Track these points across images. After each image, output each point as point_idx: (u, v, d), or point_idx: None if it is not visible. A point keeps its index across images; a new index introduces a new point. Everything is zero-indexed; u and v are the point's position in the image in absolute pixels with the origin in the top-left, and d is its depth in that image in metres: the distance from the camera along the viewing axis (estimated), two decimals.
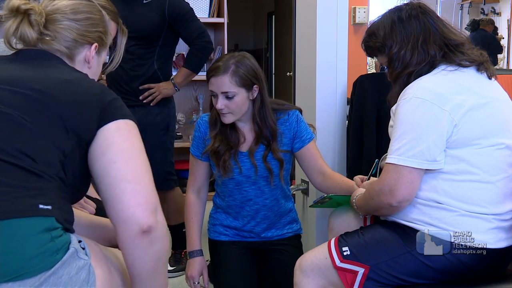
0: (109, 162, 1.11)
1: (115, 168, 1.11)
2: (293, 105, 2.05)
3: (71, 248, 1.04)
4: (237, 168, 1.92)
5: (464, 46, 1.56)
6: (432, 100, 1.44)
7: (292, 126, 1.95)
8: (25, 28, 1.21)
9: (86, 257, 1.07)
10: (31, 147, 1.06)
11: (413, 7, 1.59)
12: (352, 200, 1.69)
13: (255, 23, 8.95)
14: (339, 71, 2.48)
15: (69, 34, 1.25)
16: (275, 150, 1.91)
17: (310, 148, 1.97)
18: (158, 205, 1.13)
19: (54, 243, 1.01)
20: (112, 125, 1.15)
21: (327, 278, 1.56)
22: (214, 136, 1.93)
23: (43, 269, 0.98)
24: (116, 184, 1.10)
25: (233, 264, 1.98)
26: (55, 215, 1.03)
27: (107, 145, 1.13)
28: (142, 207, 1.09)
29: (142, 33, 2.62)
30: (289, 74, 5.69)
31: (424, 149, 1.43)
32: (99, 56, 1.35)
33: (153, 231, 1.10)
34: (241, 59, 1.86)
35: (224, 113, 1.85)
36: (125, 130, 1.16)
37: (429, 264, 1.45)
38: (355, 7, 4.31)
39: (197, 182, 2.03)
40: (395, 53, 1.57)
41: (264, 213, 1.99)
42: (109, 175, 1.11)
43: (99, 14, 1.32)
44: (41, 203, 1.02)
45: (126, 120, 1.18)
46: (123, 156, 1.13)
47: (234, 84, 1.82)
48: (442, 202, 1.46)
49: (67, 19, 1.25)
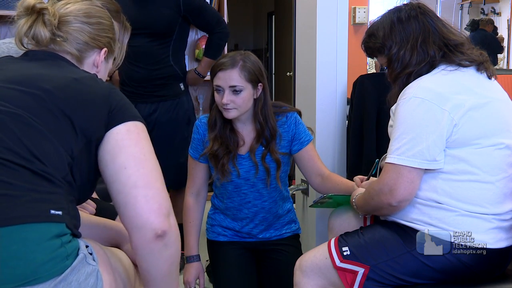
0: (119, 167, 1.11)
1: (126, 174, 1.10)
2: (292, 107, 2.03)
3: (81, 254, 1.05)
4: (235, 171, 1.92)
5: (463, 46, 1.56)
6: (432, 100, 1.44)
7: (291, 128, 1.94)
8: (39, 27, 1.21)
9: (94, 263, 1.07)
10: (41, 149, 1.05)
11: (412, 8, 1.59)
12: (352, 199, 1.69)
13: (255, 23, 8.95)
14: (339, 71, 2.48)
15: (81, 36, 1.26)
16: (273, 151, 1.90)
17: (309, 150, 1.97)
18: (171, 208, 1.13)
19: (65, 248, 1.01)
20: (122, 128, 1.15)
21: (327, 278, 1.56)
22: (213, 138, 1.91)
23: (53, 275, 0.98)
24: (127, 191, 1.10)
25: (232, 265, 1.98)
26: (65, 221, 1.03)
27: (117, 149, 1.13)
28: (156, 213, 1.09)
29: (156, 29, 2.61)
30: (289, 74, 5.69)
31: (423, 148, 1.43)
32: (106, 62, 1.36)
33: (167, 235, 1.10)
34: (248, 55, 1.88)
35: (229, 108, 1.84)
36: (135, 133, 1.16)
37: (429, 264, 1.45)
38: (355, 7, 4.31)
39: (196, 185, 2.02)
40: (394, 53, 1.57)
41: (263, 215, 1.99)
42: (120, 181, 1.11)
43: (110, 21, 1.34)
44: (52, 208, 1.02)
45: (135, 122, 1.17)
46: (134, 161, 1.12)
47: (243, 78, 1.82)
48: (442, 202, 1.46)
49: (80, 21, 1.26)
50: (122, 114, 1.16)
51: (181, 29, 2.69)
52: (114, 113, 1.15)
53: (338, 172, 2.54)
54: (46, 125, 1.08)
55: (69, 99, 1.12)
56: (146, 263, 1.15)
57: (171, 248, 1.14)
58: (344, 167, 2.57)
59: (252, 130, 1.93)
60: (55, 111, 1.10)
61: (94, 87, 1.18)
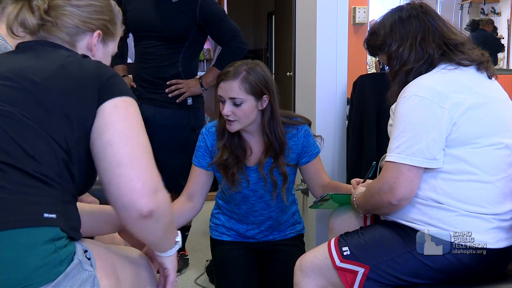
0: (105, 144, 1.08)
1: (111, 152, 1.07)
2: (303, 117, 1.98)
3: (75, 260, 1.02)
4: (245, 181, 1.89)
5: (464, 45, 1.56)
6: (432, 98, 1.44)
7: (300, 141, 1.92)
8: (25, 14, 1.17)
9: (91, 269, 1.05)
10: (34, 147, 1.03)
11: (414, 7, 1.60)
12: (353, 198, 1.69)
13: (255, 23, 8.94)
14: (339, 71, 2.48)
15: (71, 20, 1.21)
16: (281, 164, 1.88)
17: (316, 164, 1.96)
18: (158, 183, 1.09)
19: (58, 254, 0.99)
20: (109, 104, 1.11)
21: (327, 278, 1.56)
22: (222, 147, 1.88)
23: (46, 281, 0.96)
24: (112, 169, 1.06)
25: (235, 264, 1.97)
26: (59, 224, 1.01)
27: (104, 126, 1.09)
28: (139, 193, 1.05)
29: (169, 34, 2.57)
30: (289, 74, 5.69)
31: (423, 147, 1.43)
32: (104, 45, 1.30)
33: (155, 213, 1.07)
34: (254, 66, 1.82)
35: (231, 120, 1.81)
36: (123, 108, 1.12)
37: (429, 264, 1.45)
38: (355, 7, 4.30)
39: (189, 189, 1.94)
40: (393, 50, 1.58)
41: (270, 223, 1.99)
42: (106, 159, 1.07)
43: (105, 2, 1.28)
44: (46, 212, 1.00)
45: (123, 98, 1.13)
46: (119, 137, 1.08)
47: (243, 90, 1.78)
48: (442, 202, 1.46)
49: (70, 5, 1.21)
50: (110, 90, 1.12)
51: (194, 37, 2.62)
52: (102, 91, 1.12)
53: (338, 172, 2.54)
54: (37, 119, 1.05)
55: (59, 89, 1.09)
56: (139, 235, 1.15)
57: (163, 219, 1.11)
58: (344, 167, 2.57)
59: (260, 142, 1.90)
60: (45, 104, 1.07)
61: (82, 69, 1.14)
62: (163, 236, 1.19)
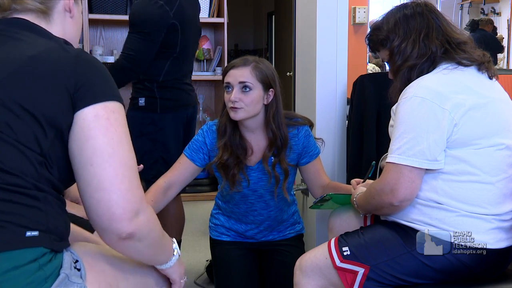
0: (85, 163, 1.01)
1: (91, 173, 1.00)
2: (304, 118, 1.99)
3: (61, 274, 0.98)
4: (245, 181, 1.89)
5: (466, 45, 1.56)
6: (433, 99, 1.44)
7: (301, 141, 1.93)
8: None
9: (80, 281, 1.01)
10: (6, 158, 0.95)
11: (418, 5, 1.61)
12: (353, 199, 1.69)
13: (255, 23, 8.94)
14: (339, 71, 2.49)
15: None
16: (283, 160, 1.88)
17: (316, 164, 1.97)
18: (140, 203, 1.04)
19: (43, 271, 0.95)
20: (89, 112, 1.01)
21: (327, 278, 1.56)
22: (222, 146, 1.87)
23: None
24: (90, 193, 1.01)
25: (235, 264, 1.97)
26: (42, 243, 0.96)
27: (84, 140, 1.01)
28: (118, 218, 1.00)
29: None
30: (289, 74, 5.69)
31: (424, 148, 1.42)
32: (76, 4, 1.20)
33: (135, 235, 1.03)
34: (262, 60, 1.88)
35: (236, 107, 1.80)
36: (104, 119, 1.02)
37: (429, 264, 1.45)
38: (355, 7, 4.30)
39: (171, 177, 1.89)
40: (396, 46, 1.58)
41: (269, 223, 1.99)
42: (85, 179, 1.01)
43: None
44: (28, 229, 0.95)
45: (106, 104, 1.03)
46: (100, 156, 1.00)
47: (254, 77, 1.82)
48: (442, 202, 1.46)
49: None
50: (91, 93, 1.02)
51: None
52: (81, 91, 1.01)
53: (338, 172, 2.54)
54: (4, 126, 0.96)
55: (25, 88, 0.99)
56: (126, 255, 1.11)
57: (146, 239, 1.07)
58: (344, 167, 2.57)
59: (263, 139, 1.90)
60: (11, 106, 0.97)
61: (54, 61, 1.03)
62: (153, 252, 1.15)
